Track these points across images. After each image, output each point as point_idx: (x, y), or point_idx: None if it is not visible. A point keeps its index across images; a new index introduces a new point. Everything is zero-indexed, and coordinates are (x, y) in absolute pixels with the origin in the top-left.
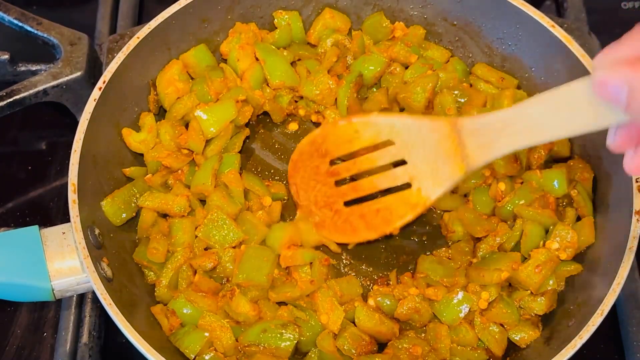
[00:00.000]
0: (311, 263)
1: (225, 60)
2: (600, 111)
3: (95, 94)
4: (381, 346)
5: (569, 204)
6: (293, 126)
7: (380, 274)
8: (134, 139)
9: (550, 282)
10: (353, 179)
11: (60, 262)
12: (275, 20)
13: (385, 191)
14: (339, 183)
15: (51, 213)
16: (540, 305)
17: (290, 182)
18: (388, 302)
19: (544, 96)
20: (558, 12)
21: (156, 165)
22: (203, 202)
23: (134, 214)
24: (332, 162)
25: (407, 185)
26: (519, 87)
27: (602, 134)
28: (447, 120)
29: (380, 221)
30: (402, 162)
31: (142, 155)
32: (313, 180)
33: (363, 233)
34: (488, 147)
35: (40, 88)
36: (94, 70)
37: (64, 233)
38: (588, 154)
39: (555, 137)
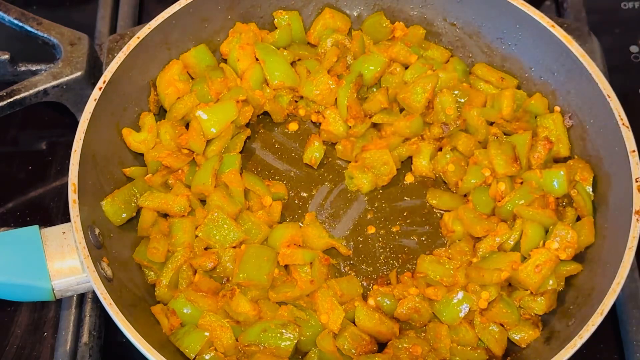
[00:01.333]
0: (311, 263)
1: (225, 60)
2: None
3: (96, 94)
4: (381, 346)
5: (569, 204)
6: (293, 126)
7: (380, 274)
8: (134, 139)
9: (550, 282)
10: None
11: (60, 262)
12: (275, 20)
13: None
14: None
15: (51, 213)
16: (540, 305)
17: None
18: (388, 302)
19: None
20: (558, 12)
21: (156, 165)
22: (203, 202)
23: (134, 214)
24: None
25: None
26: (519, 87)
27: (602, 134)
28: None
29: None
30: None
31: (142, 155)
32: None
33: None
34: None
35: (41, 88)
36: (94, 70)
37: (64, 233)
38: (588, 154)
39: None
